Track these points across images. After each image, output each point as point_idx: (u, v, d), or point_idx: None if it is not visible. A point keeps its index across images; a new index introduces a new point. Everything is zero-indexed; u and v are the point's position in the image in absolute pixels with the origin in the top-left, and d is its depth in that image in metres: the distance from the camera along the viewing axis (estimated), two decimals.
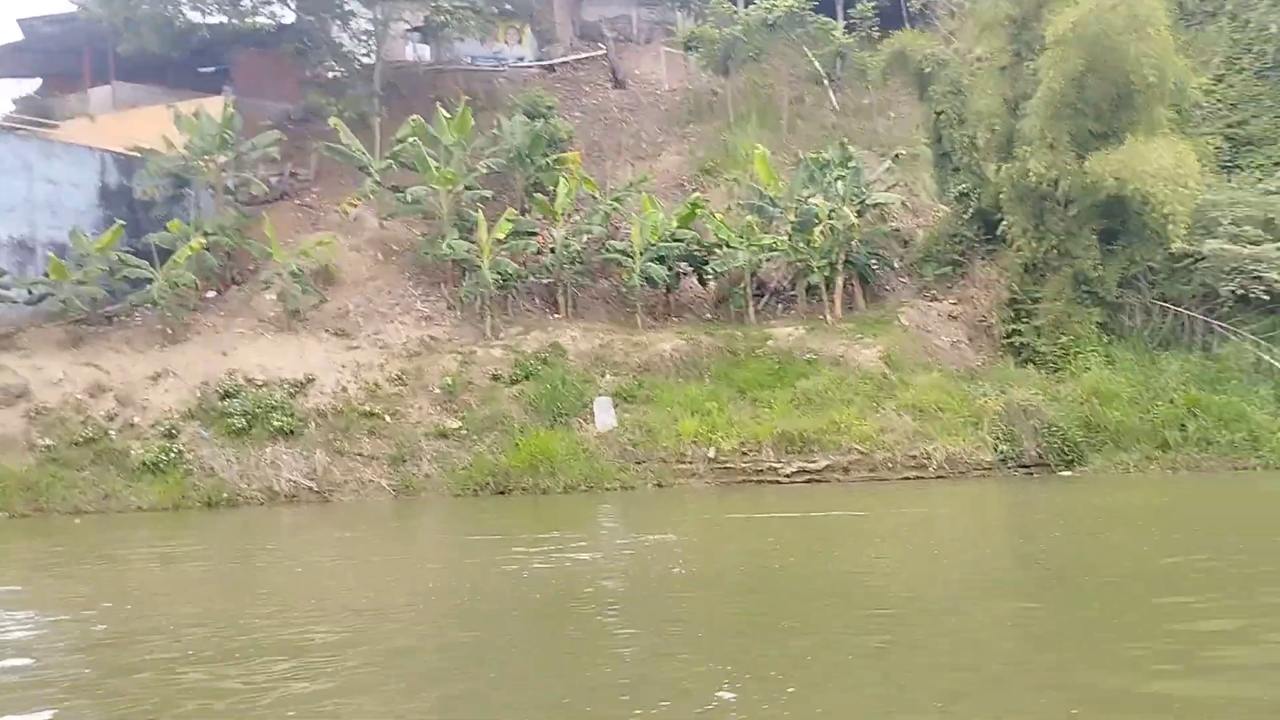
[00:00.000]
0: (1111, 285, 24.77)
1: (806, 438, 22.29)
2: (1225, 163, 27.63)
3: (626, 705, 5.32)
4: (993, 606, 8.21)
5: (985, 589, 9.13)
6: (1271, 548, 10.99)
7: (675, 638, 7.31)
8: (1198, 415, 21.86)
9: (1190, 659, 6.10)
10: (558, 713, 5.39)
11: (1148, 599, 8.23)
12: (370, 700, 5.86)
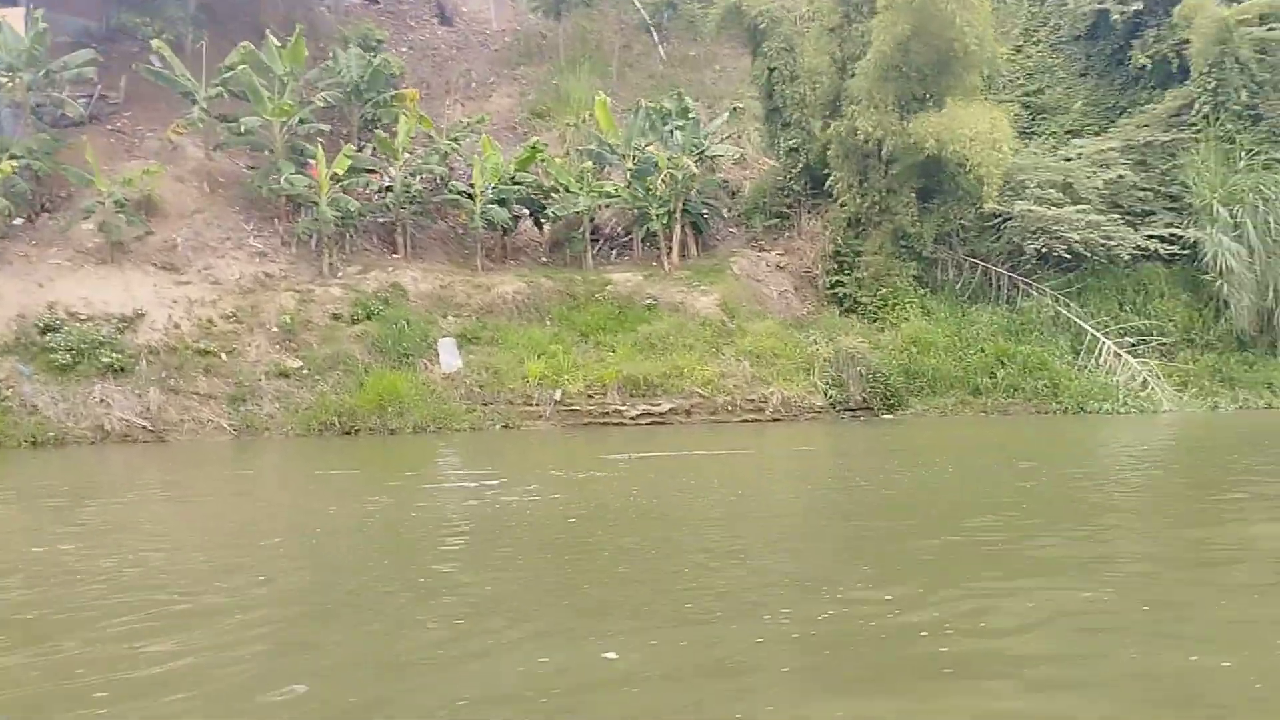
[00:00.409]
0: (928, 241, 26.43)
1: (650, 381, 22.93)
2: (1023, 130, 29.72)
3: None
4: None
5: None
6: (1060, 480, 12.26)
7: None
8: (1005, 364, 23.76)
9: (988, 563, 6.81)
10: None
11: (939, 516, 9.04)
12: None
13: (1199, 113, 26.93)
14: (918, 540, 7.63)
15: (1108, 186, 25.84)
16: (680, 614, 5.40)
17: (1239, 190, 24.97)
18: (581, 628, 5.19)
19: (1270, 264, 24.38)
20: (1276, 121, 26.22)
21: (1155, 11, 29.57)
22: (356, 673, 4.54)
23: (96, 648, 5.00)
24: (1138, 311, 25.04)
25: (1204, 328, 24.82)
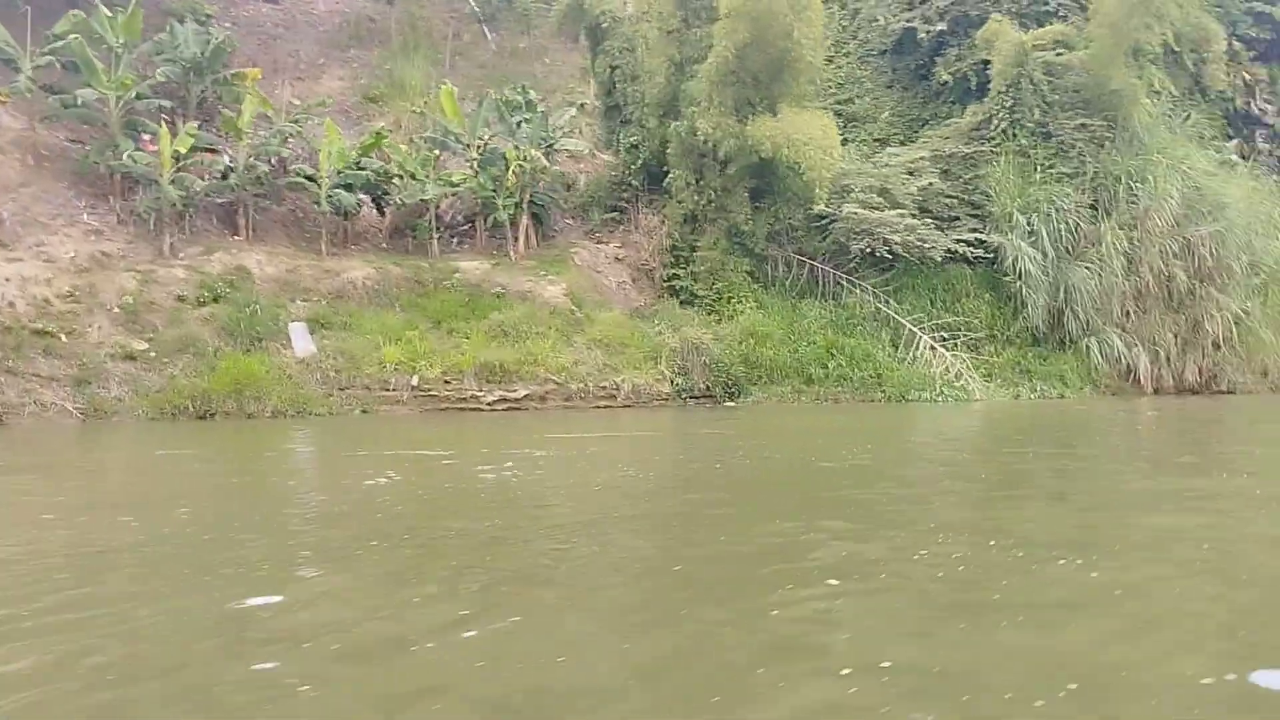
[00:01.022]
0: (760, 239, 27.97)
1: (506, 368, 23.41)
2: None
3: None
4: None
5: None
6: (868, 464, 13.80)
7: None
8: (835, 355, 25.51)
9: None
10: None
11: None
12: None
13: (997, 128, 29.56)
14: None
15: (920, 193, 28.05)
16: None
17: (1035, 200, 27.66)
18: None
19: (1061, 268, 27.13)
20: (1064, 139, 29.08)
21: (957, 33, 32.21)
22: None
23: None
24: (948, 309, 27.35)
25: (1005, 325, 27.38)
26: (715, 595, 5.21)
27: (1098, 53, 28.86)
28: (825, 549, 6.30)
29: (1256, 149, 35.95)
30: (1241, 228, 27.58)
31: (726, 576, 5.66)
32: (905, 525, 7.26)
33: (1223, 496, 8.85)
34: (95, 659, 4.25)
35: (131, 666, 4.19)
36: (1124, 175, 28.01)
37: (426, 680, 3.96)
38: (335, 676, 4.03)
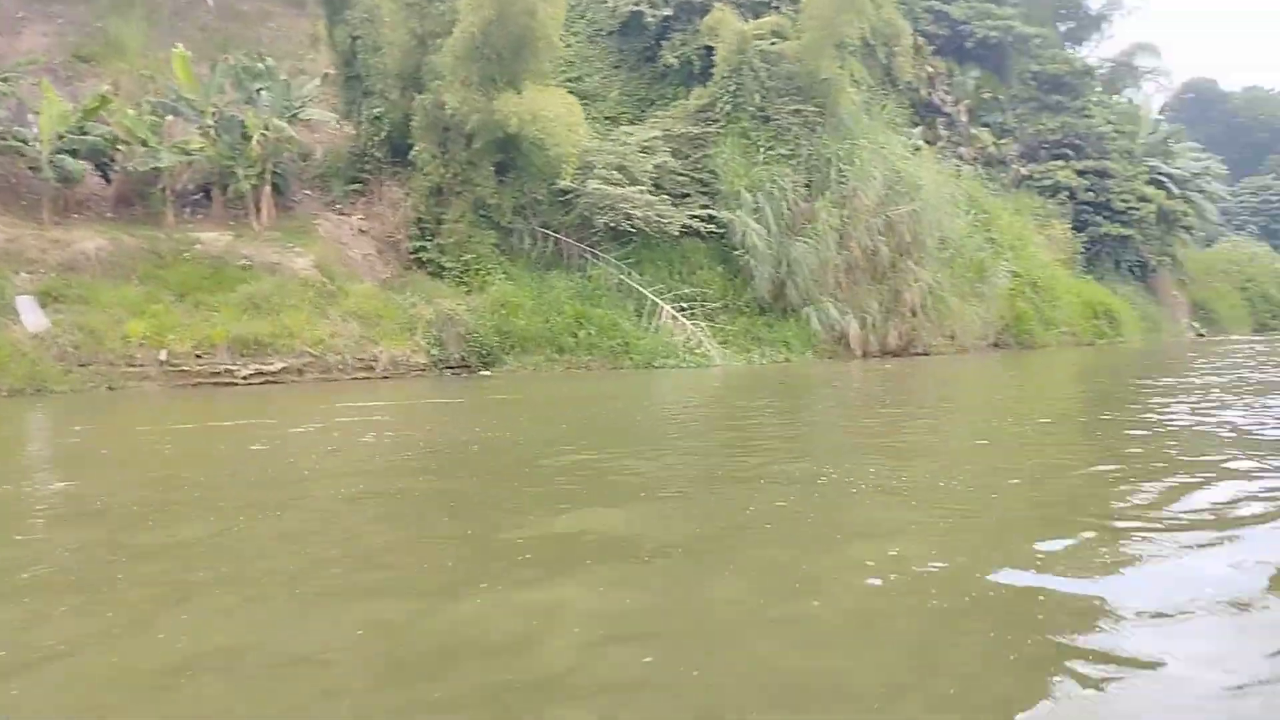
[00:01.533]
0: (507, 212, 28.65)
1: (260, 341, 22.98)
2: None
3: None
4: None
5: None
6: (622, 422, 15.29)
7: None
8: (584, 325, 26.67)
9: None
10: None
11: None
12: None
13: (722, 111, 31.64)
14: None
15: (655, 170, 29.65)
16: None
17: (759, 179, 29.90)
18: None
19: (783, 242, 29.51)
20: (781, 123, 31.52)
21: (681, 18, 34.07)
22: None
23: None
24: (684, 280, 29.14)
25: (736, 295, 29.49)
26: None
27: (809, 44, 31.46)
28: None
29: (938, 135, 40.20)
30: (934, 207, 31.05)
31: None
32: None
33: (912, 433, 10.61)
34: None
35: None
36: (834, 158, 30.78)
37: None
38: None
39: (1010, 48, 44.20)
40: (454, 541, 5.26)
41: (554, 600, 4.02)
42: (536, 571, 4.46)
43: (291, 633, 3.76)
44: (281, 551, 5.14)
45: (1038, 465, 7.77)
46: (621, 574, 4.44)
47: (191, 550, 5.18)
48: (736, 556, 4.67)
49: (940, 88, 41.57)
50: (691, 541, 5.08)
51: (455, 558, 4.88)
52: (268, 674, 3.36)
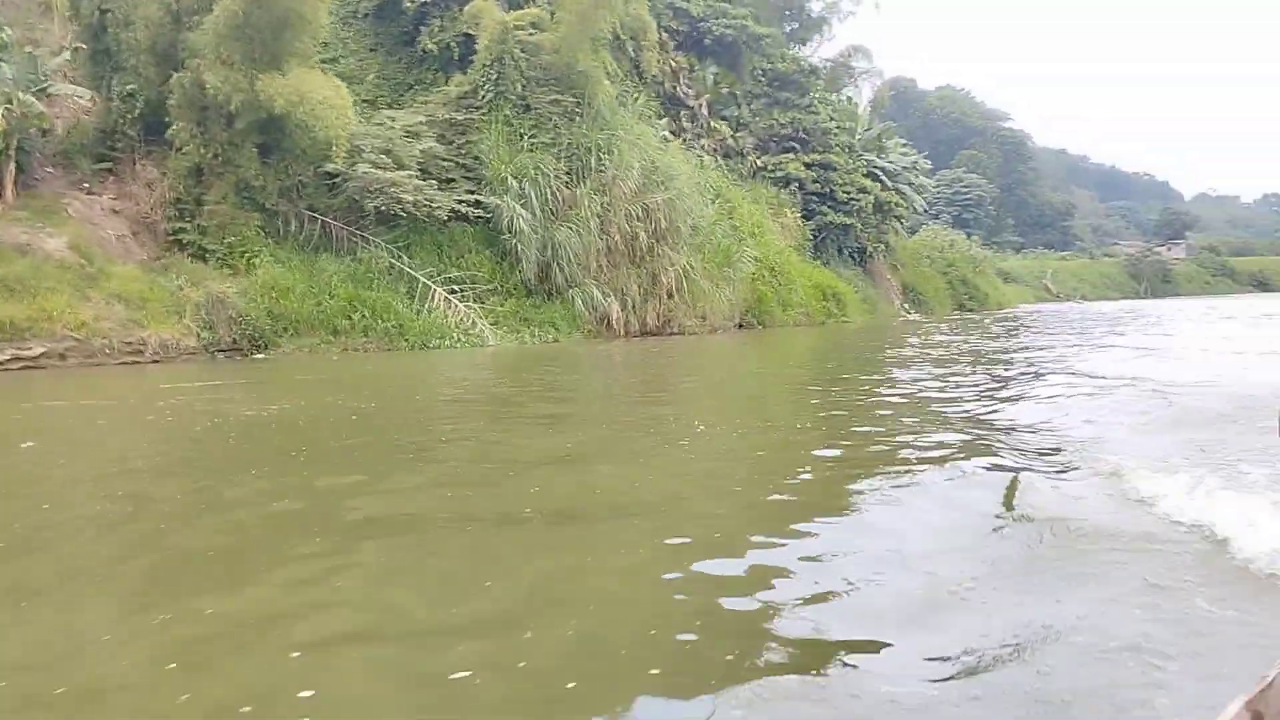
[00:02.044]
0: (271, 194, 28.34)
1: (17, 325, 21.98)
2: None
3: None
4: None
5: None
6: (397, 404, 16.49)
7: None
8: (357, 308, 26.92)
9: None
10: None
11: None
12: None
13: (484, 98, 32.44)
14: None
15: (422, 155, 30.14)
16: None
17: (523, 166, 30.93)
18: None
19: (548, 227, 30.72)
20: (542, 112, 32.66)
21: (440, 4, 34.57)
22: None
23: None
24: (454, 264, 29.80)
25: (504, 278, 30.43)
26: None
27: (566, 36, 32.73)
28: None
29: (682, 127, 42.49)
30: (686, 196, 33.12)
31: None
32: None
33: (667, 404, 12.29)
34: None
35: None
36: (594, 147, 32.23)
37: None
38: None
39: (744, 46, 47.13)
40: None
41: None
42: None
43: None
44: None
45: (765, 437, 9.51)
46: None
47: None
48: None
49: (683, 82, 43.93)
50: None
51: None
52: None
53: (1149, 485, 6.16)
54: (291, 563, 5.25)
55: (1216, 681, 3.36)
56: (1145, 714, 3.21)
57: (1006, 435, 8.95)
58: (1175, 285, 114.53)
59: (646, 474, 7.62)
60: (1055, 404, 11.39)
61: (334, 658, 3.89)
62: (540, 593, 4.71)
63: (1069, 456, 7.65)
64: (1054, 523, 5.51)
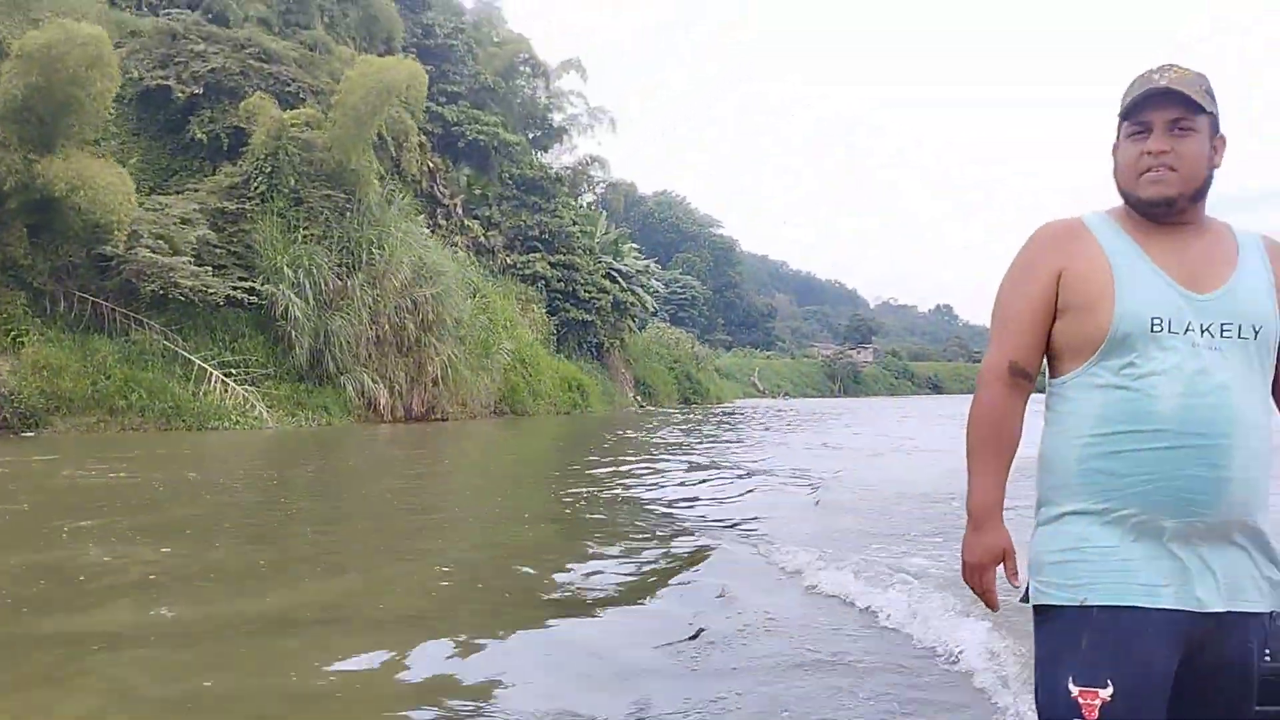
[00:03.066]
0: (41, 273, 28.41)
1: None
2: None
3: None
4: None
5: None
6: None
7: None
8: (134, 388, 27.41)
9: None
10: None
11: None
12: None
13: (257, 190, 33.68)
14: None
15: (197, 242, 31.01)
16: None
17: (298, 256, 32.34)
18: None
19: (321, 315, 32.16)
20: (314, 205, 34.23)
21: (211, 97, 35.62)
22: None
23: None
24: (229, 348, 30.66)
25: (279, 362, 31.49)
26: None
27: (340, 136, 34.61)
28: None
29: (438, 224, 44.87)
30: (452, 291, 35.41)
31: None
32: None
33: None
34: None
35: None
36: (365, 242, 34.09)
37: None
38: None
39: (495, 151, 50.28)
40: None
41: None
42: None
43: None
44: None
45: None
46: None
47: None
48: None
49: (439, 182, 46.38)
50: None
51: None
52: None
53: (793, 559, 8.36)
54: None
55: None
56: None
57: (702, 518, 11.25)
58: (865, 385, 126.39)
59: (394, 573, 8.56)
60: (749, 497, 13.66)
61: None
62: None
63: (754, 541, 9.63)
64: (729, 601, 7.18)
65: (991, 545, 2.32)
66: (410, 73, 35.24)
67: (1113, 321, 2.23)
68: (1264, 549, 2.27)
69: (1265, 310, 2.30)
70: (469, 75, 52.26)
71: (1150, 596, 2.15)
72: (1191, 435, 2.16)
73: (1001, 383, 2.34)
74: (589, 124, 60.25)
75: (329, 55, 39.61)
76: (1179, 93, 2.24)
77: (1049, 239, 2.37)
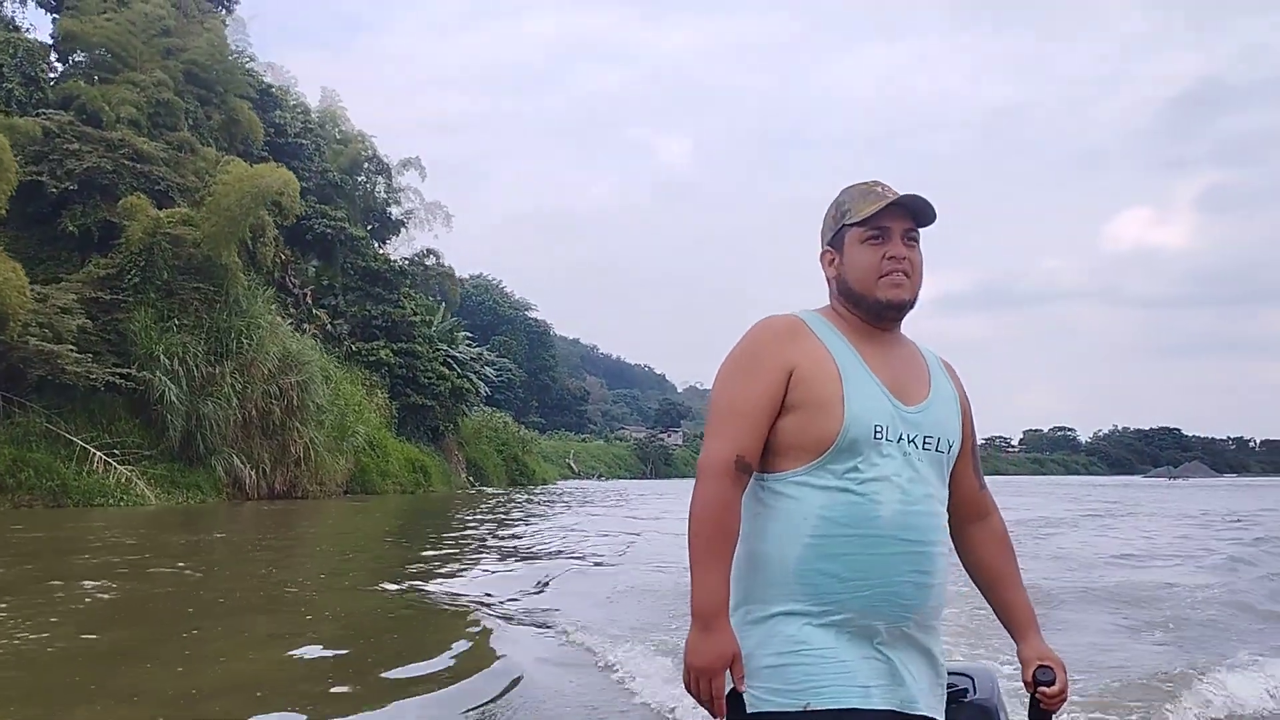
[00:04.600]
0: None
1: None
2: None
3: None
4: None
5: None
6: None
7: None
8: (23, 467, 29.38)
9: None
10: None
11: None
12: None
13: (130, 282, 36.03)
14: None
15: (79, 330, 33.19)
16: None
17: (172, 344, 34.82)
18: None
19: (193, 400, 34.63)
20: (185, 297, 36.77)
21: (84, 193, 37.83)
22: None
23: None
24: (107, 430, 32.81)
25: (154, 443, 33.74)
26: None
27: (212, 234, 37.40)
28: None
29: (289, 313, 47.58)
30: (313, 378, 38.40)
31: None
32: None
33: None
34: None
35: None
36: (234, 331, 36.82)
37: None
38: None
39: (340, 243, 53.40)
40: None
41: None
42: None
43: None
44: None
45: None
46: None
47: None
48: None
49: (290, 273, 49.17)
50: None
51: None
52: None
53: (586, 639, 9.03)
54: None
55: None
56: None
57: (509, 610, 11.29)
58: (675, 467, 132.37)
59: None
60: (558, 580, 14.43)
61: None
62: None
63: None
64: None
65: (721, 648, 2.19)
66: (283, 179, 38.39)
67: (843, 425, 2.24)
68: (940, 655, 2.37)
69: (955, 427, 2.42)
70: (316, 171, 55.29)
71: (865, 698, 2.17)
72: (908, 542, 2.23)
73: (727, 477, 2.29)
74: (426, 218, 63.76)
75: (194, 155, 42.24)
76: (913, 206, 2.35)
77: (775, 334, 2.36)
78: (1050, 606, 10.96)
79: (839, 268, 2.42)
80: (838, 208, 2.45)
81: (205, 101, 45.41)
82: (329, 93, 63.10)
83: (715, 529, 2.26)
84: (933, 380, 2.44)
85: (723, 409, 2.36)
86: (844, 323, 2.40)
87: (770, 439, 2.33)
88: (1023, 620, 2.53)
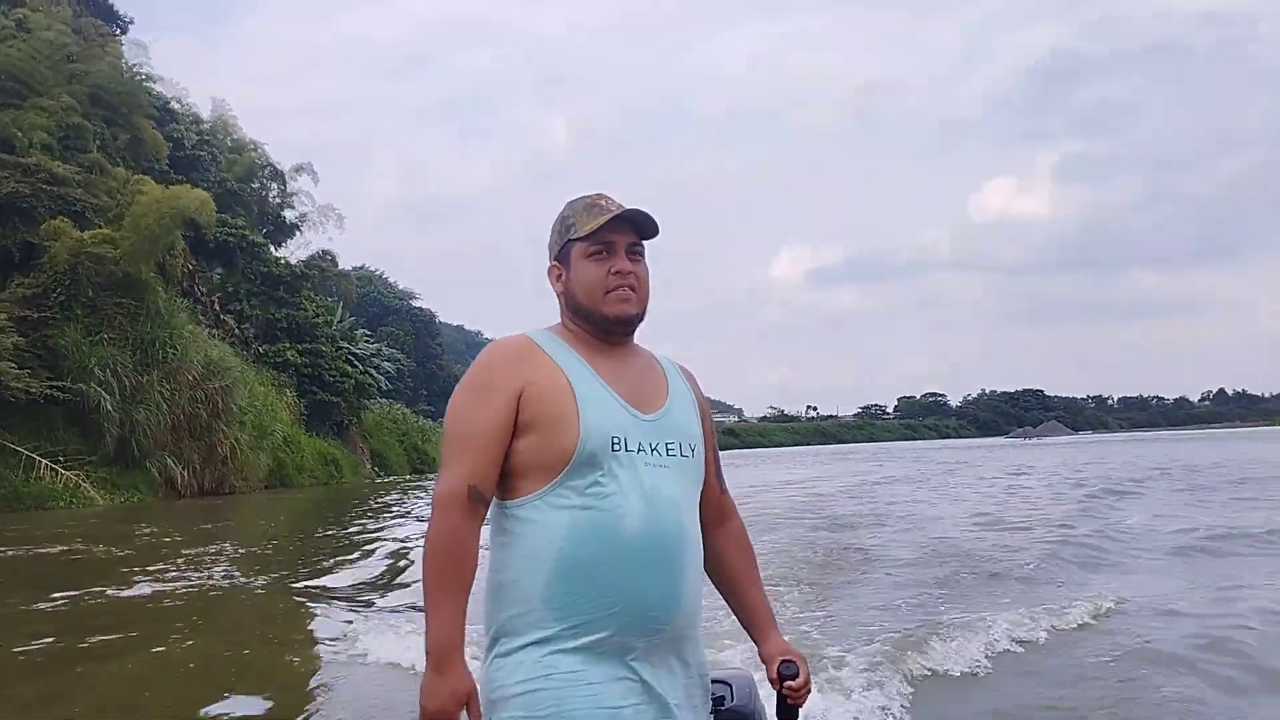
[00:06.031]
0: None
1: None
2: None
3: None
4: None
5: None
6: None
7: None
8: None
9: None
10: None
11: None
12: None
13: (57, 300, 38.54)
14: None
15: (14, 347, 35.73)
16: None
17: (104, 357, 37.54)
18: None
19: (126, 408, 37.45)
20: (109, 312, 39.41)
21: (3, 216, 40.06)
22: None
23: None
24: (49, 438, 35.48)
25: (93, 449, 36.51)
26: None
27: (132, 252, 40.06)
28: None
29: (199, 319, 50.19)
30: (235, 382, 41.50)
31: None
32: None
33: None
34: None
35: None
36: (159, 342, 39.66)
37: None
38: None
39: (241, 250, 56.04)
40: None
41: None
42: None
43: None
44: None
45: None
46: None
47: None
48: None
49: (198, 281, 51.73)
50: None
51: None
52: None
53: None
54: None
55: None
56: None
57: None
58: None
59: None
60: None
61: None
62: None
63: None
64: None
65: (456, 689, 2.14)
66: (200, 200, 41.25)
67: (579, 439, 2.21)
68: (700, 666, 2.36)
69: (696, 431, 2.42)
70: (215, 181, 57.64)
71: (614, 718, 2.14)
72: (653, 552, 2.20)
73: (458, 509, 2.21)
74: (319, 220, 66.28)
75: (105, 175, 44.59)
76: (636, 219, 2.34)
77: (504, 357, 2.33)
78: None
79: (566, 283, 2.39)
80: (563, 222, 2.41)
81: (111, 122, 47.59)
82: (219, 102, 65.22)
83: (446, 563, 2.19)
84: (670, 386, 2.44)
85: (454, 439, 2.30)
86: (575, 338, 2.38)
87: (510, 462, 2.28)
88: (762, 620, 2.55)
